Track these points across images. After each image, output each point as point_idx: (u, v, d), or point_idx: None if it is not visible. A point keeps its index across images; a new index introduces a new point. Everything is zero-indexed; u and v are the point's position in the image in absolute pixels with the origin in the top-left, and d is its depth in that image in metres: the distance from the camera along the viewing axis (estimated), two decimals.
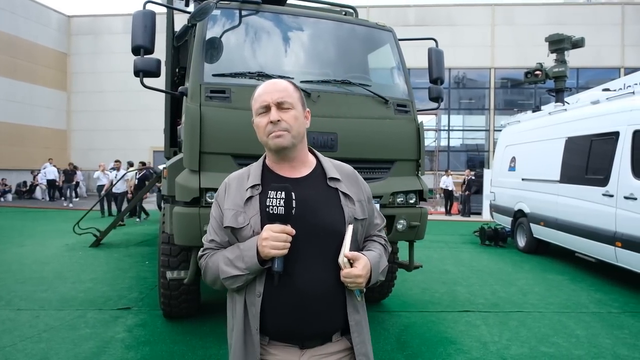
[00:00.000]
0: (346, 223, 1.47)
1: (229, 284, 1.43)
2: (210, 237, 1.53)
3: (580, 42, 9.07)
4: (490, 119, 23.39)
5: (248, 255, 1.37)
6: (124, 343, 3.95)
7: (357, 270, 1.38)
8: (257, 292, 1.41)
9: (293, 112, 1.45)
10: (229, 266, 1.41)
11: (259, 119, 1.46)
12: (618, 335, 4.38)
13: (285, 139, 1.43)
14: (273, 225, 1.33)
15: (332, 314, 1.44)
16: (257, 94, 1.49)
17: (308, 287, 1.39)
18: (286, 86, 1.48)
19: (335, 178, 1.52)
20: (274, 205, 1.32)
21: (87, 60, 24.61)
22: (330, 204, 1.48)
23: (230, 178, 1.56)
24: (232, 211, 1.46)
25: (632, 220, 5.69)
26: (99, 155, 22.95)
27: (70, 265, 7.01)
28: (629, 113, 6.04)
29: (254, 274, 1.39)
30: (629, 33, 22.17)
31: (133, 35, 3.61)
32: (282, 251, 1.32)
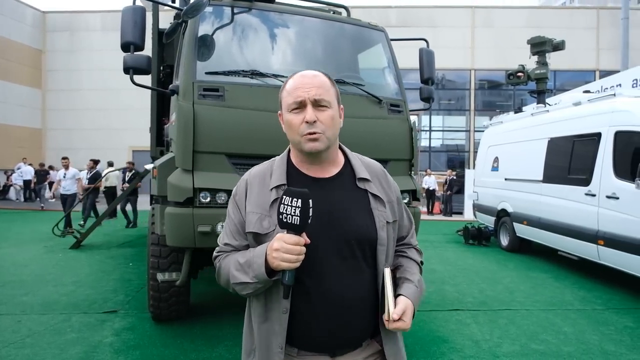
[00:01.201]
0: (377, 229, 1.36)
1: (239, 290, 1.34)
2: (226, 239, 1.42)
3: (561, 44, 9.27)
4: (471, 120, 23.73)
5: (257, 263, 1.26)
6: (112, 347, 3.84)
7: (405, 325, 1.29)
8: (283, 308, 1.30)
9: (330, 112, 1.31)
10: (239, 271, 1.31)
11: (291, 116, 1.32)
12: (604, 331, 4.47)
13: (322, 143, 1.30)
14: (286, 235, 1.19)
15: (364, 321, 1.36)
16: (290, 87, 1.33)
17: (339, 297, 1.30)
18: (324, 81, 1.34)
19: (364, 178, 1.40)
20: (288, 213, 1.18)
21: (63, 57, 24.01)
22: (359, 207, 1.37)
23: (252, 175, 1.42)
24: (257, 215, 1.34)
25: (614, 219, 5.83)
26: (76, 155, 22.37)
27: (51, 268, 6.81)
28: (610, 114, 6.18)
29: (262, 284, 1.28)
30: (604, 37, 22.79)
31: (122, 31, 3.53)
32: (294, 265, 1.19)
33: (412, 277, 1.42)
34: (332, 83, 1.37)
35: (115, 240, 9.53)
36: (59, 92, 23.85)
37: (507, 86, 19.37)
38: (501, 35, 22.64)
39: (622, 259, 5.68)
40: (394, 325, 1.29)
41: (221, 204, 3.47)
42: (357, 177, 1.40)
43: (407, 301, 1.32)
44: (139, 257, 7.73)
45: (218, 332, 4.21)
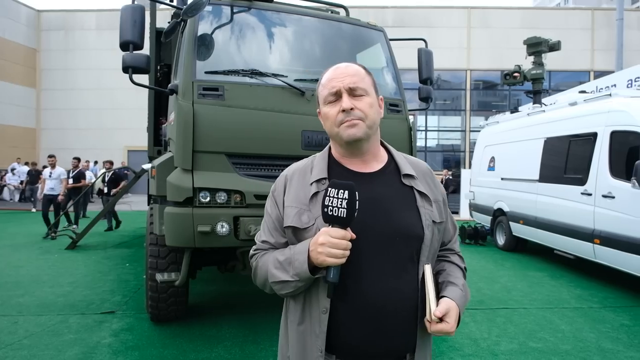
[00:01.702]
0: (424, 227, 1.28)
1: (277, 289, 1.28)
2: (264, 237, 1.37)
3: (557, 45, 9.32)
4: (467, 120, 23.81)
5: (298, 260, 1.20)
6: (111, 348, 3.82)
7: (449, 327, 1.20)
8: (323, 307, 1.23)
9: (367, 99, 1.27)
10: (279, 269, 1.25)
11: (327, 108, 1.29)
12: (601, 329, 4.50)
13: (360, 129, 1.25)
14: (332, 229, 1.14)
15: (407, 329, 1.27)
16: (325, 80, 1.31)
17: (381, 300, 1.22)
18: (358, 70, 1.30)
19: (410, 175, 1.34)
20: (334, 205, 1.12)
21: (58, 56, 23.89)
22: (405, 205, 1.29)
23: (291, 170, 1.38)
24: (295, 209, 1.28)
25: (610, 218, 5.87)
26: (71, 155, 22.26)
27: (47, 269, 6.77)
28: (606, 114, 6.22)
29: (304, 282, 1.22)
30: (598, 37, 22.94)
31: (121, 30, 3.50)
32: (341, 260, 1.13)
33: (457, 281, 1.35)
34: (367, 72, 1.32)
35: (111, 241, 9.48)
36: (53, 91, 23.72)
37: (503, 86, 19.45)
38: (497, 35, 22.75)
39: (618, 257, 5.72)
40: (436, 328, 1.20)
41: (221, 203, 3.47)
42: (402, 173, 1.34)
43: (451, 302, 1.24)
44: (136, 257, 7.69)
45: (217, 333, 4.20)
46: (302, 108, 3.71)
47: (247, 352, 3.80)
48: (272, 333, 4.21)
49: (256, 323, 4.44)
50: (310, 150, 3.67)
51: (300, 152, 3.65)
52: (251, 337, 4.12)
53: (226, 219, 3.42)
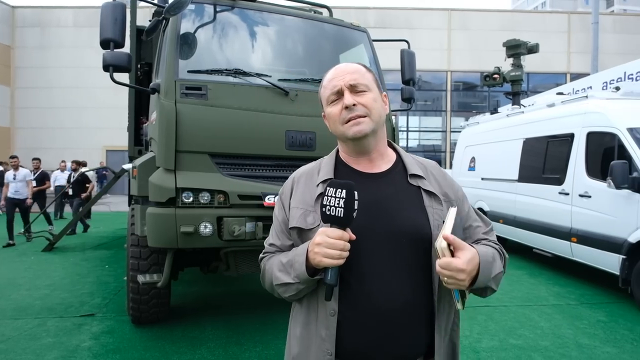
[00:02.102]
0: (432, 227, 1.23)
1: (281, 292, 1.26)
2: (271, 240, 1.37)
3: (535, 47, 9.51)
4: (447, 121, 24.10)
5: (298, 261, 1.18)
6: (91, 351, 3.75)
7: (459, 262, 1.09)
8: (331, 309, 1.19)
9: (370, 94, 1.25)
10: (282, 272, 1.24)
11: (330, 108, 1.27)
12: (578, 325, 4.61)
13: (366, 125, 1.23)
14: (329, 229, 1.11)
15: (416, 334, 1.22)
16: (326, 81, 1.29)
17: (388, 304, 1.18)
18: (357, 67, 1.29)
19: (417, 175, 1.31)
20: (331, 205, 1.10)
21: (34, 54, 23.31)
22: (412, 204, 1.26)
23: (299, 172, 1.37)
24: (301, 210, 1.27)
25: (586, 217, 6.01)
26: (47, 155, 21.75)
27: (23, 271, 6.61)
28: (583, 116, 6.38)
29: (305, 284, 1.19)
30: (575, 40, 23.50)
31: (102, 27, 3.43)
32: (338, 261, 1.10)
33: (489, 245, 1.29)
34: (368, 69, 1.31)
35: (89, 242, 9.30)
36: (28, 89, 23.13)
37: (482, 87, 19.74)
38: (476, 37, 23.09)
39: (594, 255, 5.86)
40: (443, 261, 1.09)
41: (204, 204, 3.44)
42: (409, 173, 1.31)
43: (472, 248, 1.15)
44: (115, 259, 7.57)
45: (200, 334, 4.16)
46: (285, 108, 3.71)
47: (230, 353, 3.77)
48: (255, 334, 4.19)
49: (239, 324, 4.42)
50: (294, 150, 3.67)
51: (284, 152, 3.65)
52: (234, 338, 4.09)
53: (210, 220, 3.39)
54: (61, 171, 12.93)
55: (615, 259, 5.43)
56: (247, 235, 3.47)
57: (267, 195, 3.51)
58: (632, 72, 8.97)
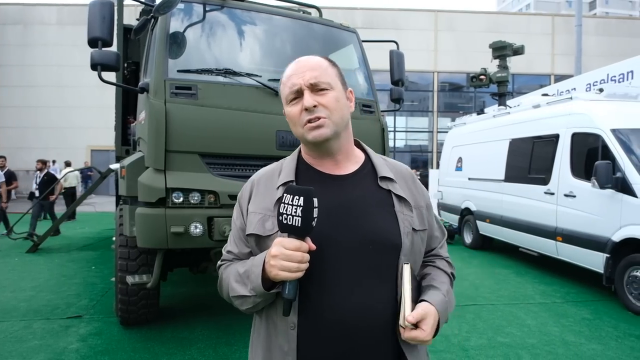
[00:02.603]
0: (402, 235, 1.15)
1: (238, 305, 1.17)
2: (229, 247, 1.28)
3: (521, 49, 9.65)
4: (434, 121, 24.30)
5: (254, 273, 1.09)
6: (78, 354, 3.71)
7: (424, 335, 1.07)
8: (291, 323, 1.11)
9: (332, 94, 1.15)
10: (238, 283, 1.15)
11: (289, 108, 1.17)
12: (564, 323, 4.69)
13: (327, 129, 1.13)
14: (286, 240, 1.03)
15: (382, 347, 1.14)
16: (285, 77, 1.19)
17: (352, 316, 1.09)
18: (319, 62, 1.18)
19: (387, 177, 1.22)
20: (288, 213, 1.01)
21: (16, 52, 22.88)
22: (381, 209, 1.17)
23: (258, 175, 1.28)
24: (259, 215, 1.18)
25: (571, 216, 6.12)
26: (30, 155, 21.41)
27: (7, 273, 6.49)
28: (567, 117, 6.49)
29: (262, 297, 1.11)
30: (559, 42, 23.87)
31: (90, 26, 3.39)
32: (296, 274, 1.02)
33: (440, 286, 1.22)
34: (331, 63, 1.21)
35: (75, 243, 9.16)
36: (11, 88, 22.70)
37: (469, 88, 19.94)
38: (462, 38, 23.32)
39: (578, 254, 5.97)
40: (409, 335, 1.08)
41: (194, 204, 3.42)
42: (379, 175, 1.22)
43: (429, 307, 1.12)
44: (102, 260, 7.48)
45: (189, 335, 4.14)
46: (276, 108, 3.70)
47: (220, 353, 3.76)
48: (245, 334, 4.18)
49: (229, 324, 4.40)
50: (285, 150, 3.66)
51: (274, 152, 3.64)
52: (224, 338, 4.07)
53: (200, 220, 3.38)
54: None
55: (599, 258, 5.53)
56: None
57: None
58: (615, 74, 9.15)
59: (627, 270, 5.21)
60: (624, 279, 5.23)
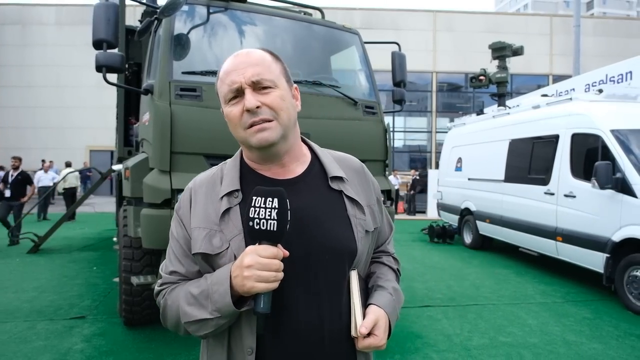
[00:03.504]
0: (357, 240, 1.10)
1: (193, 331, 1.03)
2: (172, 267, 1.11)
3: (520, 50, 9.70)
4: (433, 121, 24.34)
5: (218, 291, 0.97)
6: (83, 354, 3.72)
7: (378, 340, 1.05)
8: (248, 347, 1.02)
9: (276, 92, 1.04)
10: (193, 306, 1.01)
11: (229, 108, 1.05)
12: (565, 322, 4.73)
13: (273, 132, 1.03)
14: (261, 247, 0.93)
15: (350, 355, 1.10)
16: (222, 72, 1.07)
17: (313, 329, 1.03)
18: (262, 57, 1.06)
19: (338, 177, 1.14)
20: (261, 217, 0.92)
21: (14, 52, 22.81)
22: (334, 214, 1.10)
23: (196, 183, 1.14)
24: (204, 230, 1.05)
25: (571, 216, 6.16)
26: (29, 155, 21.37)
27: (8, 274, 6.50)
28: (567, 117, 6.52)
29: (227, 318, 0.99)
30: (557, 43, 23.93)
31: (94, 28, 3.41)
32: (273, 285, 0.93)
33: (386, 284, 1.19)
34: (274, 58, 1.10)
35: (75, 244, 9.16)
36: (9, 88, 22.64)
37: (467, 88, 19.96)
38: (461, 39, 23.36)
39: (578, 254, 6.01)
40: (364, 344, 1.04)
41: None
42: (329, 175, 1.14)
43: (378, 311, 1.09)
44: (103, 260, 7.49)
45: (193, 335, 4.14)
46: None
47: None
48: None
49: None
50: None
51: None
52: None
53: None
54: (44, 172, 12.73)
55: (599, 258, 5.57)
56: None
57: None
58: (614, 75, 9.20)
59: (627, 270, 5.25)
60: (624, 278, 5.27)
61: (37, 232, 8.47)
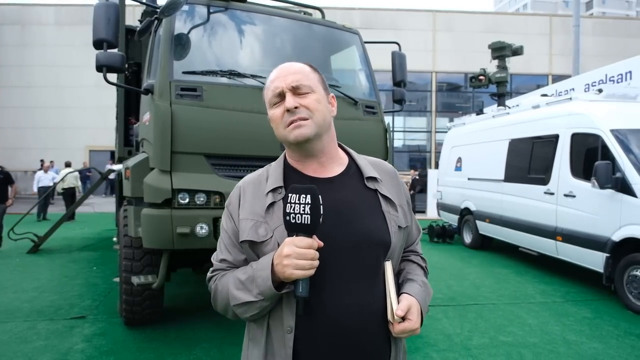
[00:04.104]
0: (390, 233, 1.22)
1: (241, 313, 1.17)
2: (222, 255, 1.26)
3: (520, 50, 9.70)
4: (432, 121, 24.35)
5: (261, 276, 1.10)
6: (84, 354, 3.72)
7: (412, 324, 1.16)
8: (287, 326, 1.13)
9: (314, 96, 1.19)
10: (241, 290, 1.14)
11: (273, 111, 1.22)
12: (565, 322, 4.73)
13: (308, 128, 1.17)
14: (297, 239, 1.06)
15: (378, 343, 1.19)
16: (268, 82, 1.24)
17: (348, 315, 1.13)
18: (301, 67, 1.23)
19: (373, 177, 1.27)
20: (296, 212, 1.05)
21: (13, 52, 22.78)
22: (370, 208, 1.23)
23: (245, 182, 1.29)
24: (251, 221, 1.19)
25: (571, 216, 6.16)
26: (29, 155, 21.38)
27: (8, 274, 6.49)
28: (567, 117, 6.53)
29: (269, 300, 1.12)
30: (556, 42, 23.95)
31: (95, 28, 3.41)
32: (309, 272, 1.06)
33: (416, 278, 1.31)
34: (313, 69, 1.26)
35: (75, 244, 9.16)
36: (9, 88, 22.61)
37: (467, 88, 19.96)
38: (461, 39, 23.37)
39: (578, 253, 6.01)
40: (399, 328, 1.15)
41: (200, 205, 3.45)
42: (365, 176, 1.27)
43: (411, 298, 1.20)
44: (103, 260, 7.48)
45: (194, 335, 4.16)
46: None
47: (226, 353, 3.78)
48: None
49: (233, 324, 4.41)
50: None
51: (279, 153, 3.61)
52: (229, 338, 4.10)
53: (206, 220, 3.40)
54: (44, 172, 12.72)
55: (599, 257, 5.57)
56: None
57: None
58: (613, 75, 9.21)
59: (626, 269, 5.25)
60: (624, 278, 5.27)
61: (37, 232, 8.48)
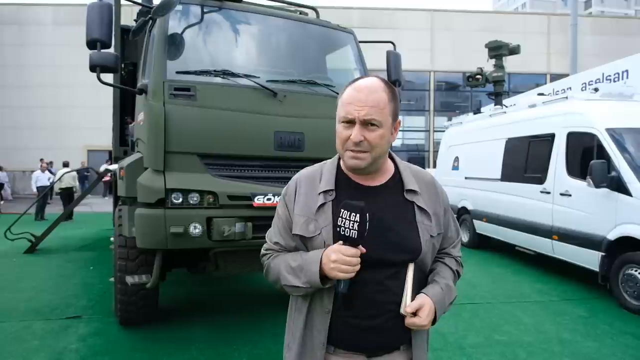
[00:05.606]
0: (422, 242, 1.38)
1: (289, 291, 1.40)
2: (275, 238, 1.47)
3: (517, 49, 9.70)
4: (430, 120, 24.35)
5: (311, 270, 1.30)
6: (78, 354, 3.72)
7: (421, 321, 1.32)
8: (326, 309, 1.37)
9: (380, 132, 1.30)
10: (291, 274, 1.36)
11: (340, 127, 1.33)
12: (560, 321, 4.74)
13: (364, 162, 1.32)
14: (344, 248, 1.25)
15: (403, 329, 1.38)
16: (345, 97, 1.33)
17: (380, 307, 1.34)
18: (379, 100, 1.30)
19: (413, 190, 1.42)
20: (346, 227, 1.23)
21: (11, 52, 22.76)
22: (404, 219, 1.39)
23: (302, 176, 1.45)
24: (303, 218, 1.38)
25: (567, 215, 6.17)
26: (26, 155, 21.36)
27: (5, 274, 6.49)
28: (563, 116, 6.53)
29: (314, 289, 1.33)
30: (554, 41, 23.96)
31: (88, 28, 3.41)
32: (350, 275, 1.25)
33: (440, 280, 1.44)
34: (390, 97, 1.33)
35: (73, 244, 9.16)
36: (7, 88, 22.59)
37: (465, 87, 19.98)
38: (459, 38, 23.37)
39: (574, 252, 6.02)
40: (409, 321, 1.33)
41: (193, 204, 3.44)
42: (405, 188, 1.42)
43: (425, 298, 1.35)
44: (100, 260, 7.48)
45: (189, 335, 4.16)
46: (274, 109, 3.73)
47: (220, 353, 3.78)
48: (244, 334, 4.21)
49: (228, 324, 4.43)
50: (283, 151, 3.69)
51: (272, 153, 3.67)
52: (224, 338, 4.10)
53: (199, 220, 3.40)
54: (42, 171, 12.71)
55: (595, 256, 5.58)
56: (237, 235, 3.48)
57: (257, 196, 3.54)
58: (610, 74, 9.21)
59: (622, 268, 5.26)
60: (619, 277, 5.28)
61: (34, 232, 8.47)
